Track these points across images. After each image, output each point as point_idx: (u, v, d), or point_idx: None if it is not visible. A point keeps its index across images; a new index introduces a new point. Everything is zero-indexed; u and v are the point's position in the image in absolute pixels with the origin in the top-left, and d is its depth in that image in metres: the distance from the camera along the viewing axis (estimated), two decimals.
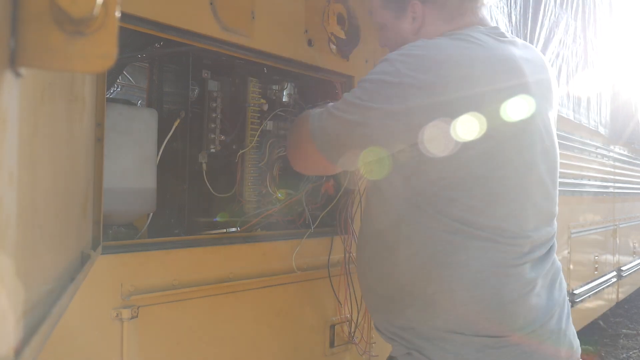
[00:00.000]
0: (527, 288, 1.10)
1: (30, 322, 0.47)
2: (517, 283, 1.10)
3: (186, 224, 1.44)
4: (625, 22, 5.05)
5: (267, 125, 1.58)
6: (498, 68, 1.09)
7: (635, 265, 5.35)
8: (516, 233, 1.10)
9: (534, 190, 1.14)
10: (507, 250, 1.09)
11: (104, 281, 1.11)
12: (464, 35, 1.12)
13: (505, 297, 1.08)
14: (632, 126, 5.25)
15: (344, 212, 1.66)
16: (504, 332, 1.08)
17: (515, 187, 1.11)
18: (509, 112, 1.06)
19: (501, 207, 1.09)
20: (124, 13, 1.01)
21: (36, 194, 0.49)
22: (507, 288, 1.08)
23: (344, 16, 1.67)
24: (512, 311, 1.09)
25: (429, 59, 1.06)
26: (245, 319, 1.42)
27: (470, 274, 1.07)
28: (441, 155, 1.05)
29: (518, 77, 1.11)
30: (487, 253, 1.07)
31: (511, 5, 2.74)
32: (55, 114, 0.58)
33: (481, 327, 1.07)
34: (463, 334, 1.07)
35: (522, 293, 1.09)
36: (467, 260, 1.07)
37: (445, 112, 1.03)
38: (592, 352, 4.52)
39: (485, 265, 1.07)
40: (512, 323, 1.09)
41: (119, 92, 2.35)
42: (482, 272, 1.07)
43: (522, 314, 1.10)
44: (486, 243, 1.07)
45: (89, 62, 0.39)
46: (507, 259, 1.09)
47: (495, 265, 1.08)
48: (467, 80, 1.04)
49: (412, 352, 1.13)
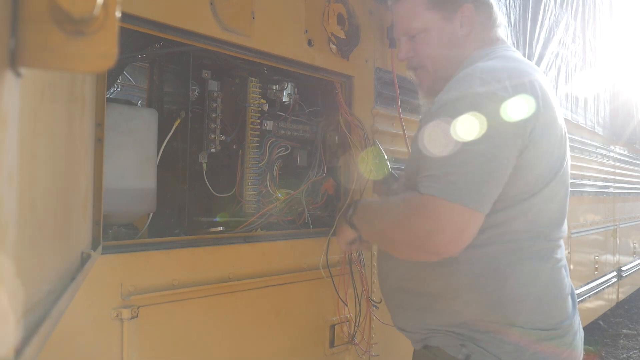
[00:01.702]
0: (566, 281, 1.22)
1: (31, 322, 0.47)
2: (565, 278, 1.22)
3: (186, 224, 1.44)
4: (625, 22, 5.04)
5: (267, 125, 1.58)
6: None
7: (635, 266, 5.34)
8: (559, 234, 1.22)
9: (565, 189, 1.23)
10: (557, 250, 1.20)
11: (104, 281, 1.11)
12: (501, 57, 1.21)
13: (558, 292, 1.18)
14: (633, 126, 5.25)
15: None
16: (555, 324, 1.16)
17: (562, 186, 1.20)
18: (556, 121, 1.18)
19: (552, 210, 1.19)
20: (124, 13, 1.01)
21: (36, 194, 0.49)
22: (560, 283, 1.19)
23: (344, 16, 1.67)
24: (561, 305, 1.19)
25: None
26: (245, 319, 1.42)
27: (528, 273, 1.15)
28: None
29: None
30: (544, 253, 1.17)
31: (510, 5, 2.74)
32: (55, 114, 0.58)
33: (537, 319, 1.14)
34: (522, 327, 1.13)
35: (566, 286, 1.21)
36: (526, 261, 1.15)
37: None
38: (592, 352, 4.52)
39: (541, 264, 1.16)
40: (559, 315, 1.18)
41: (119, 92, 2.35)
42: (540, 270, 1.16)
43: (565, 307, 1.20)
44: (542, 243, 1.17)
45: (89, 62, 0.39)
46: (558, 258, 1.20)
47: (551, 263, 1.18)
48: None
49: (467, 344, 1.15)
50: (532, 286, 1.15)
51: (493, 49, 1.24)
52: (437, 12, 1.25)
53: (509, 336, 1.13)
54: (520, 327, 1.13)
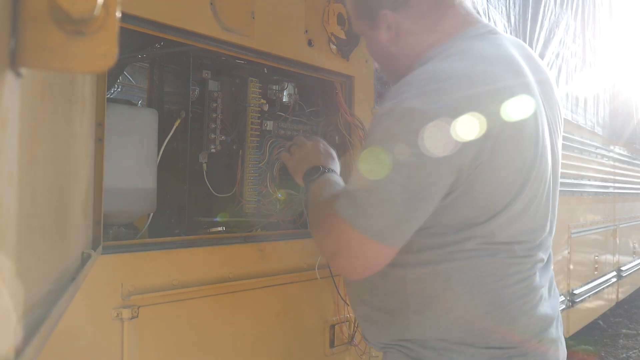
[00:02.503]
0: (536, 298, 1.09)
1: (31, 322, 0.47)
2: (531, 294, 1.07)
3: (186, 224, 1.44)
4: (625, 22, 5.05)
5: (268, 125, 1.58)
6: (503, 73, 1.01)
7: (635, 265, 5.34)
8: (528, 244, 1.08)
9: (541, 197, 1.09)
10: (521, 261, 1.07)
11: (104, 281, 1.11)
12: (460, 52, 1.04)
13: (518, 308, 1.06)
14: (632, 126, 5.25)
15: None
16: (514, 343, 1.05)
17: (529, 194, 1.05)
18: (527, 128, 1.01)
19: (517, 219, 1.05)
20: (124, 13, 1.01)
21: (36, 194, 0.49)
22: (520, 300, 1.06)
23: (344, 16, 1.67)
24: (523, 322, 1.06)
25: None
26: (245, 319, 1.42)
27: (481, 293, 1.04)
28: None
29: (522, 77, 1.05)
30: (500, 265, 1.05)
31: (510, 5, 2.74)
32: (55, 114, 0.58)
33: (493, 339, 1.05)
34: (473, 346, 1.05)
35: (533, 303, 1.08)
36: (480, 274, 1.04)
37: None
38: (592, 352, 4.52)
39: (498, 277, 1.04)
40: (522, 334, 1.06)
41: (119, 92, 2.35)
42: (497, 289, 1.05)
43: (531, 324, 1.08)
44: (500, 255, 1.04)
45: (89, 62, 0.39)
46: (522, 270, 1.07)
47: (507, 277, 1.05)
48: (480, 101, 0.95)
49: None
50: (487, 306, 1.04)
51: (451, 43, 1.07)
52: (364, 21, 1.19)
53: (460, 355, 1.05)
54: (472, 346, 1.05)
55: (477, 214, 1.01)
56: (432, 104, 0.91)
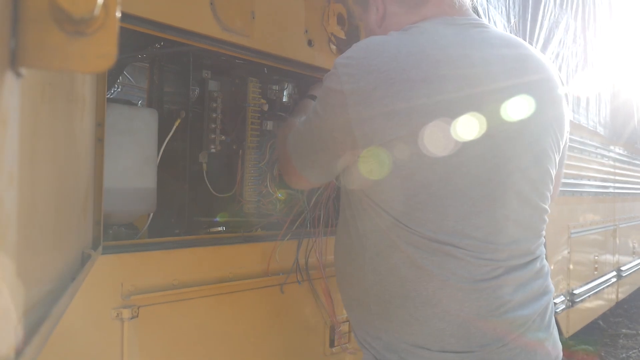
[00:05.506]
0: (495, 304, 1.03)
1: (31, 322, 0.47)
2: (487, 299, 1.02)
3: (186, 224, 1.44)
4: (625, 22, 5.05)
5: (268, 125, 1.58)
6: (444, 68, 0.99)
7: (635, 265, 5.34)
8: (486, 247, 1.02)
9: (509, 201, 1.04)
10: (476, 264, 1.01)
11: (104, 281, 1.11)
12: (418, 29, 1.06)
13: (471, 314, 1.01)
14: (633, 126, 5.25)
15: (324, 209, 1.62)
16: (470, 347, 1.02)
17: (483, 199, 1.01)
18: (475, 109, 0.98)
19: (467, 218, 1.01)
20: (124, 13, 1.01)
21: (36, 194, 0.49)
22: (474, 305, 1.01)
23: (344, 16, 1.67)
24: (479, 327, 1.02)
25: (367, 61, 1.01)
26: (245, 319, 1.42)
27: (435, 289, 1.01)
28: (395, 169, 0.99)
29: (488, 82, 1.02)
30: (453, 268, 1.01)
31: (510, 5, 2.74)
32: (55, 114, 0.58)
33: (446, 343, 1.01)
34: (429, 350, 1.02)
35: (490, 309, 1.02)
36: (432, 275, 1.01)
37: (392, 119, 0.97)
38: (592, 352, 4.52)
39: (451, 280, 1.00)
40: (479, 339, 1.02)
41: (119, 92, 2.35)
42: (448, 288, 1.01)
43: (492, 328, 1.02)
44: (451, 257, 1.00)
45: (89, 62, 0.39)
46: (476, 274, 1.01)
47: (462, 280, 1.01)
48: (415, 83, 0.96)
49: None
50: (442, 305, 1.01)
51: (420, 24, 1.08)
52: (358, 6, 1.29)
53: (418, 358, 1.03)
54: (427, 350, 1.02)
55: (410, 195, 1.02)
56: (347, 72, 1.02)
